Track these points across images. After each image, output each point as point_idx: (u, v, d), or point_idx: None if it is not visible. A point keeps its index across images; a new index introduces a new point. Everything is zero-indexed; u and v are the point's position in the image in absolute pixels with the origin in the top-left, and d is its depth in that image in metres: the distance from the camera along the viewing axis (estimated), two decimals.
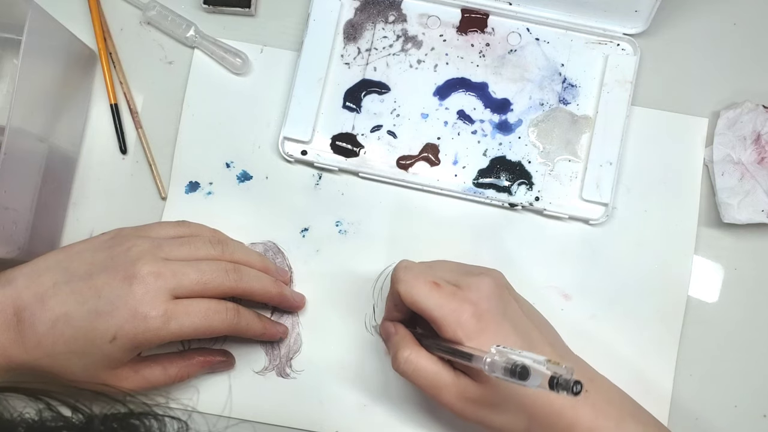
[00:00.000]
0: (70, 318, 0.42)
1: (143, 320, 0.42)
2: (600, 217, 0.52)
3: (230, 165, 0.54)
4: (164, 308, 0.42)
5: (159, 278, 0.43)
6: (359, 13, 0.55)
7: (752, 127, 0.51)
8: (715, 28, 0.54)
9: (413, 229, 0.53)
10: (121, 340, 0.42)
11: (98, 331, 0.41)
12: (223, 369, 0.51)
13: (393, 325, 0.46)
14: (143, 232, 0.47)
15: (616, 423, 0.41)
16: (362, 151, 0.53)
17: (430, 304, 0.41)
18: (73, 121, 0.53)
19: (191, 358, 0.49)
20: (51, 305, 0.42)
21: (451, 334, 0.41)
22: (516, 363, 0.34)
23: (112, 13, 0.55)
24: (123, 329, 0.41)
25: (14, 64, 0.52)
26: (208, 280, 0.44)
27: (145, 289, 0.42)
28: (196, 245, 0.46)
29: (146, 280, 0.42)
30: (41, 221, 0.49)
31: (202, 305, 0.44)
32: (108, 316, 0.41)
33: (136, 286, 0.42)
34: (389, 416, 0.51)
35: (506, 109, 0.53)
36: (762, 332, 0.51)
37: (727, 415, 0.51)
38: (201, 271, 0.44)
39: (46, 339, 0.42)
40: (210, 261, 0.45)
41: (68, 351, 0.42)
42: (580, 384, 0.33)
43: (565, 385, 0.33)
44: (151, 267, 0.43)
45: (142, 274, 0.42)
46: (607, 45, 0.54)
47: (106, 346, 0.42)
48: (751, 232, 0.52)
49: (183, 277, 0.43)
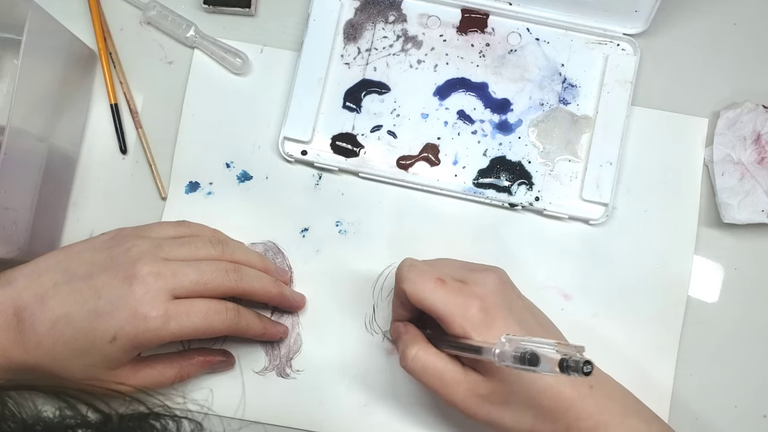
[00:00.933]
0: (71, 318, 0.42)
1: (143, 320, 0.41)
2: (600, 217, 0.52)
3: (230, 165, 0.54)
4: (164, 308, 0.42)
5: (159, 278, 0.42)
6: (359, 13, 0.55)
7: (752, 127, 0.51)
8: (715, 28, 0.54)
9: (413, 229, 0.53)
10: (121, 340, 0.42)
11: (98, 331, 0.41)
12: (223, 369, 0.51)
13: (403, 324, 0.46)
14: (143, 233, 0.47)
15: (620, 419, 0.42)
16: (362, 151, 0.53)
17: (436, 300, 0.41)
18: (73, 121, 0.53)
19: (191, 358, 0.49)
20: (51, 306, 0.42)
21: (459, 329, 0.41)
22: (525, 350, 0.34)
23: (112, 13, 0.55)
24: (123, 330, 0.41)
25: (14, 64, 0.52)
26: (209, 280, 0.44)
27: (145, 289, 0.42)
28: (196, 245, 0.46)
29: (146, 280, 0.42)
30: (41, 221, 0.49)
31: (203, 305, 0.44)
32: (108, 316, 0.41)
33: (136, 286, 0.42)
34: (389, 416, 0.51)
35: (506, 109, 0.53)
36: (762, 332, 0.51)
37: (727, 415, 0.51)
38: (201, 271, 0.44)
39: (46, 339, 0.42)
40: (210, 261, 0.45)
41: (68, 351, 0.42)
42: (590, 364, 0.33)
43: (575, 366, 0.33)
44: (151, 267, 0.43)
45: (142, 274, 0.42)
46: (607, 45, 0.54)
47: (106, 347, 0.42)
48: (751, 232, 0.52)
49: (183, 277, 0.43)
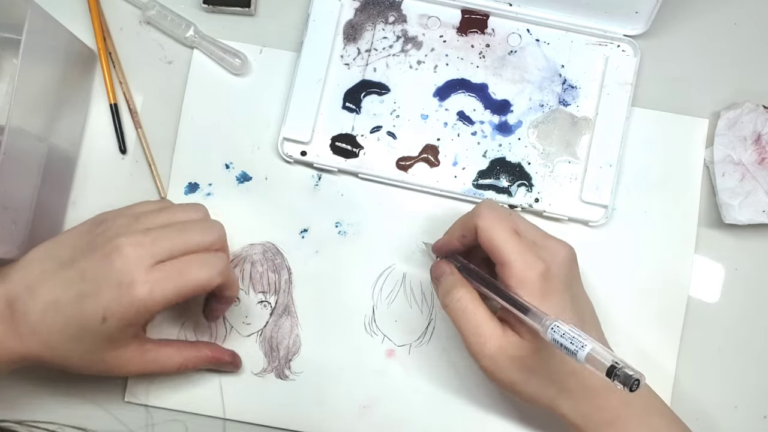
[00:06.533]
0: (59, 305, 0.42)
1: (128, 293, 0.41)
2: (600, 219, 0.52)
3: (229, 166, 0.54)
4: (147, 275, 0.41)
5: (138, 247, 0.42)
6: (359, 13, 0.55)
7: (753, 127, 0.51)
8: (715, 28, 0.54)
9: (413, 230, 0.52)
10: (111, 319, 0.41)
11: (87, 314, 0.41)
12: (229, 370, 0.51)
13: (448, 265, 0.46)
14: (124, 212, 0.46)
15: (641, 417, 0.42)
16: (362, 152, 0.53)
17: (507, 248, 0.42)
18: (72, 120, 0.53)
19: (200, 350, 0.49)
20: (40, 293, 0.42)
21: (515, 283, 0.41)
22: (584, 344, 0.35)
23: (112, 12, 0.55)
24: (110, 308, 0.41)
25: (14, 64, 0.52)
26: (189, 237, 0.44)
27: (124, 261, 0.41)
28: (174, 211, 0.46)
29: (125, 252, 0.41)
30: (40, 221, 0.49)
31: (185, 261, 0.43)
32: (94, 297, 0.41)
33: (116, 261, 0.41)
34: (389, 418, 0.50)
35: (506, 111, 0.53)
36: (762, 333, 0.51)
37: (727, 416, 0.51)
38: (181, 230, 0.44)
39: (40, 328, 0.42)
40: (191, 221, 0.45)
41: (63, 338, 0.42)
42: (638, 382, 0.33)
43: (623, 377, 0.33)
44: (130, 239, 0.42)
45: (121, 247, 0.42)
46: (608, 46, 0.54)
47: (98, 329, 0.41)
48: (751, 233, 0.52)
49: (164, 240, 0.43)
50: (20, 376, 0.49)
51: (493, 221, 0.43)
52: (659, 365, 0.51)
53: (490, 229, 0.42)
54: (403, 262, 0.52)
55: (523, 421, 0.50)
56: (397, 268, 0.52)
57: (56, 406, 0.51)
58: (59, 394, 0.51)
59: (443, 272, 0.46)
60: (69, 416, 0.50)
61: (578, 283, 0.45)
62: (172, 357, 0.47)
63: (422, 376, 0.51)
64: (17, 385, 0.51)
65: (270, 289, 0.52)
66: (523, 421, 0.50)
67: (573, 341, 0.36)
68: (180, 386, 0.51)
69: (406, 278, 0.52)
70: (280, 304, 0.52)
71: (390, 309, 0.52)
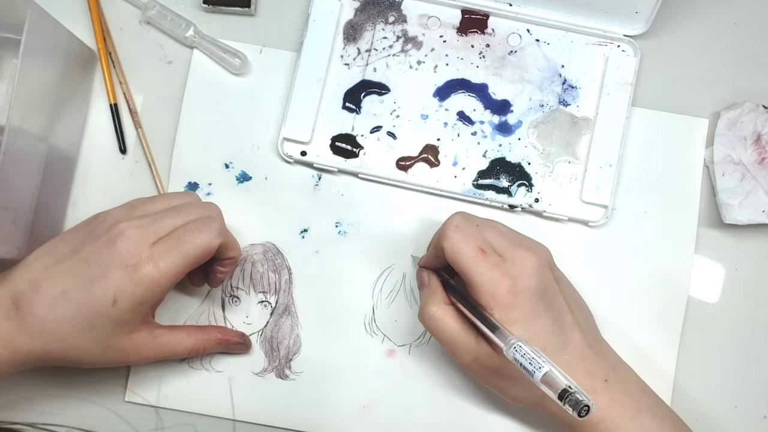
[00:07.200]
0: (67, 294, 0.42)
1: (135, 272, 0.42)
2: (600, 219, 0.52)
3: (229, 165, 0.54)
4: (149, 252, 0.42)
5: (139, 228, 0.43)
6: (359, 13, 0.55)
7: (753, 127, 0.51)
8: (715, 28, 0.54)
9: (413, 231, 0.52)
10: (122, 300, 0.42)
11: (97, 298, 0.42)
12: (240, 351, 0.51)
13: (428, 275, 0.47)
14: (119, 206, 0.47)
15: (631, 415, 0.42)
16: (362, 152, 0.53)
17: (472, 268, 0.42)
18: (72, 120, 0.53)
19: (210, 333, 0.49)
20: (46, 287, 0.42)
21: (485, 302, 0.42)
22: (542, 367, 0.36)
23: (112, 12, 0.55)
24: (120, 288, 0.42)
25: (14, 64, 0.52)
26: (187, 215, 0.45)
27: (128, 242, 0.42)
28: (169, 197, 0.47)
29: (127, 233, 0.42)
30: (41, 221, 0.49)
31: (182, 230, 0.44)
32: (102, 281, 0.42)
33: (119, 243, 0.42)
34: (389, 418, 0.51)
35: (506, 111, 0.53)
36: (762, 332, 0.51)
37: (727, 416, 0.51)
38: (180, 209, 0.45)
39: (48, 322, 0.42)
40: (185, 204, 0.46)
41: (74, 329, 0.42)
42: (587, 408, 0.34)
43: (574, 402, 0.34)
44: (130, 223, 0.43)
45: (123, 230, 0.43)
46: (608, 46, 0.54)
47: (110, 312, 0.42)
48: (751, 233, 0.52)
49: (164, 219, 0.44)
50: (28, 377, 0.49)
51: (458, 242, 0.43)
52: (659, 365, 0.51)
53: (455, 251, 0.43)
54: (403, 262, 0.52)
55: (523, 420, 0.50)
56: (397, 268, 0.52)
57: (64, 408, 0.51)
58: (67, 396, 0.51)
59: (422, 284, 0.47)
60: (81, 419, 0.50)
61: (553, 286, 0.44)
62: (182, 341, 0.47)
63: (422, 376, 0.51)
64: (25, 387, 0.51)
65: (270, 289, 0.52)
66: (523, 421, 0.50)
67: (532, 362, 0.37)
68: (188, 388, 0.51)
69: (406, 278, 0.52)
70: (281, 304, 0.52)
71: (390, 309, 0.52)
